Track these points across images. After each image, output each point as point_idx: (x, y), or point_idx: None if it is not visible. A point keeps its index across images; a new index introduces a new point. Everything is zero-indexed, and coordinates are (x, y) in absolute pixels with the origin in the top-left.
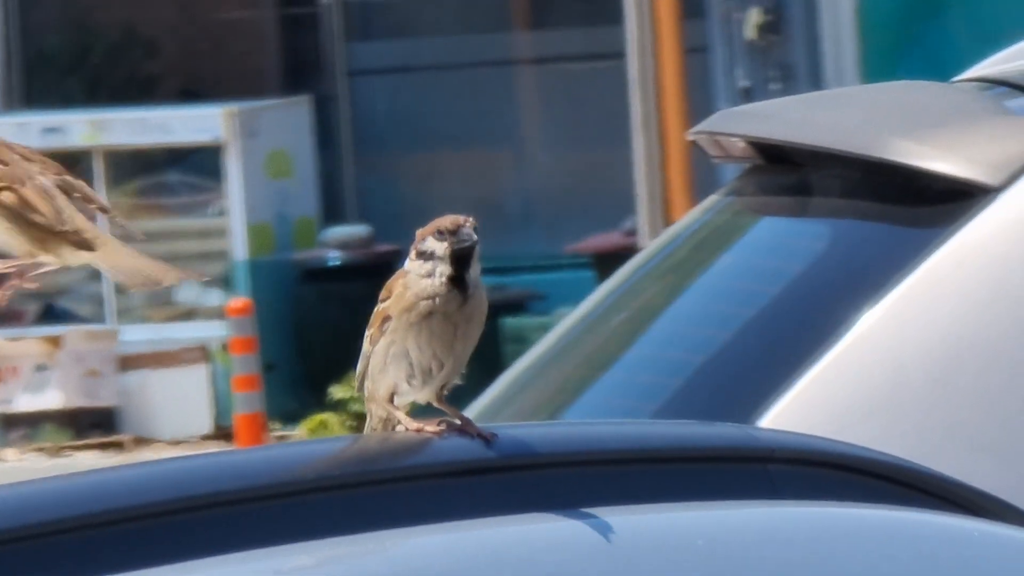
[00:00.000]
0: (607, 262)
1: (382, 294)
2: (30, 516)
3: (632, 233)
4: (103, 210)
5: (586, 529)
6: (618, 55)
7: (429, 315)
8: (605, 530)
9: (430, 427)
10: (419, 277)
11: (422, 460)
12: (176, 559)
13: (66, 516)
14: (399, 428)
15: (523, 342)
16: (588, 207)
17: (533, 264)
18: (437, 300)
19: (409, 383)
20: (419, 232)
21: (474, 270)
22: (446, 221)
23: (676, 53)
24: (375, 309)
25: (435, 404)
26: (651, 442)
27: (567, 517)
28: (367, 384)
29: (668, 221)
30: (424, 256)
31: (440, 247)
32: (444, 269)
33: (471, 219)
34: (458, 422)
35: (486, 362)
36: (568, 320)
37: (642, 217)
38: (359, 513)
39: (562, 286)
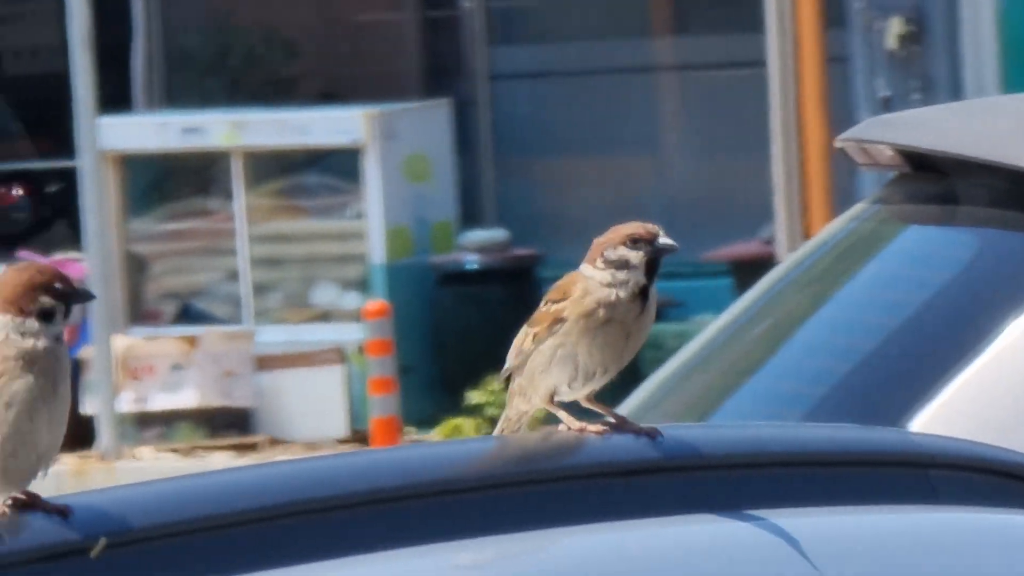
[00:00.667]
0: (745, 270)
1: (553, 295)
2: (216, 507)
3: (770, 241)
4: None
5: (749, 530)
6: (759, 63)
7: (607, 322)
8: (768, 532)
9: (592, 427)
10: (601, 284)
11: (585, 459)
12: (338, 555)
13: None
14: (560, 427)
15: (660, 348)
16: (726, 215)
17: (670, 271)
18: (617, 309)
19: (570, 385)
20: (601, 240)
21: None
22: (639, 229)
23: (817, 62)
24: (541, 308)
25: (585, 404)
26: (813, 445)
27: (730, 518)
28: (519, 380)
29: (806, 230)
30: (615, 264)
31: (635, 256)
32: (638, 278)
33: (660, 227)
34: (614, 421)
35: (624, 370)
36: (711, 327)
37: (780, 225)
38: (521, 512)
39: (700, 293)
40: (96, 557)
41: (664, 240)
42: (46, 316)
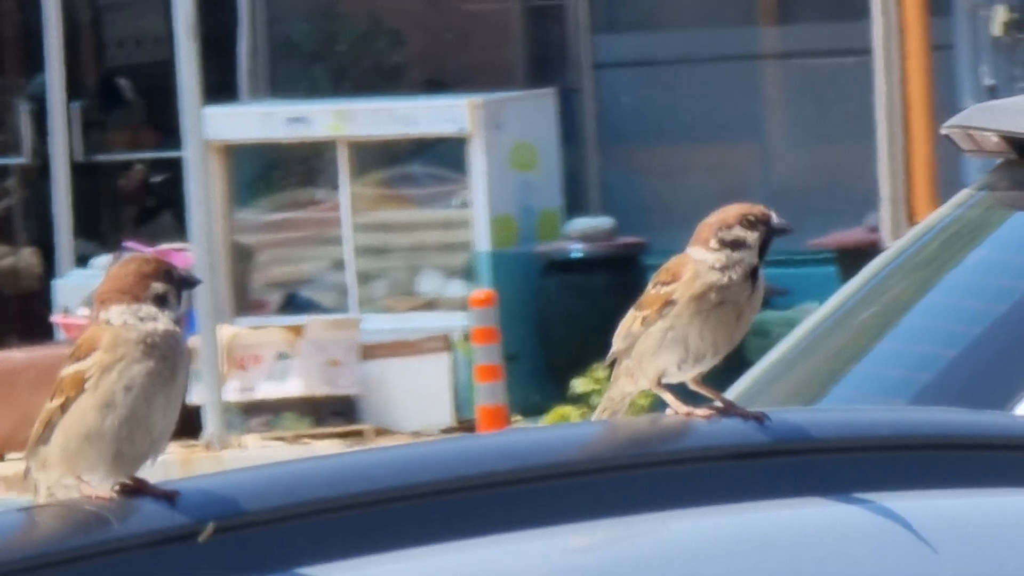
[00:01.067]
0: (850, 257)
1: (662, 277)
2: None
3: (875, 229)
4: None
5: (858, 514)
6: (864, 51)
7: (720, 304)
8: (877, 515)
9: (699, 411)
10: (710, 267)
11: (693, 443)
12: (450, 539)
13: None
14: (668, 411)
15: (765, 336)
16: (831, 202)
17: (775, 258)
18: (729, 290)
19: (680, 367)
20: (709, 222)
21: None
22: (753, 209)
23: (922, 50)
24: (650, 291)
25: (693, 387)
26: (921, 429)
27: (839, 502)
28: (626, 362)
29: (911, 217)
30: (730, 244)
31: (751, 236)
32: (751, 259)
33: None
34: (721, 405)
35: (729, 357)
36: (817, 314)
37: (885, 213)
38: (631, 495)
39: (805, 281)
40: (204, 541)
41: (778, 220)
42: (160, 302)
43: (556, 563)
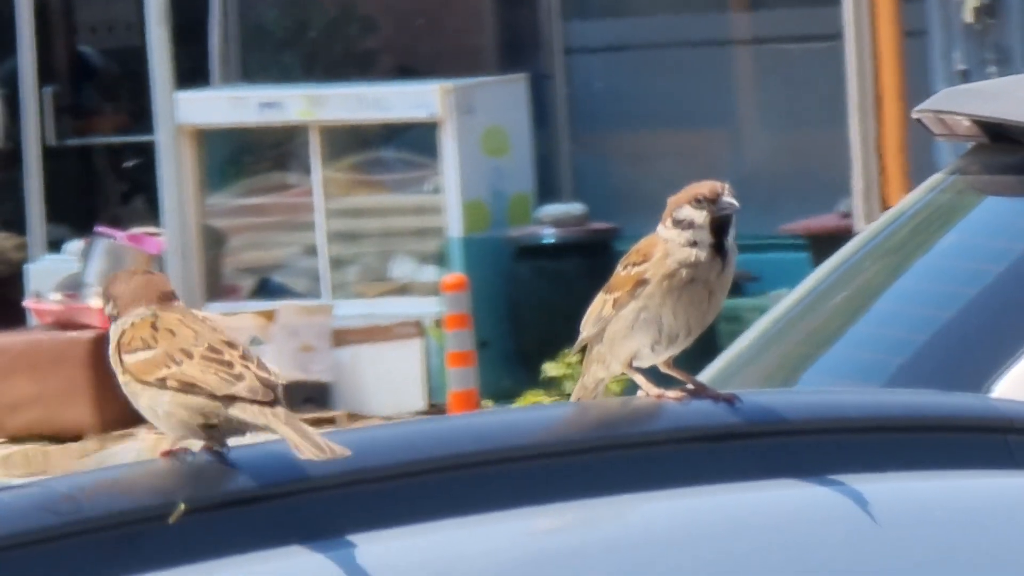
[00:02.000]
0: (822, 243)
1: (633, 257)
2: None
3: (848, 215)
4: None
5: (831, 496)
6: (835, 36)
7: (691, 282)
8: (849, 497)
9: (671, 393)
10: (679, 245)
11: (664, 425)
12: (417, 520)
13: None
14: (640, 394)
15: (738, 322)
16: (803, 188)
17: (747, 244)
18: (699, 268)
19: (653, 348)
20: (672, 199)
21: (731, 236)
22: (704, 188)
23: (894, 35)
24: (620, 273)
25: (664, 370)
26: (892, 411)
27: (812, 484)
28: (597, 347)
29: (884, 203)
30: (682, 224)
31: (699, 216)
32: (704, 237)
33: (727, 185)
34: (692, 387)
35: (701, 342)
36: (788, 299)
37: (857, 199)
38: (602, 477)
39: (777, 267)
40: (174, 522)
41: (726, 199)
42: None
43: (526, 545)
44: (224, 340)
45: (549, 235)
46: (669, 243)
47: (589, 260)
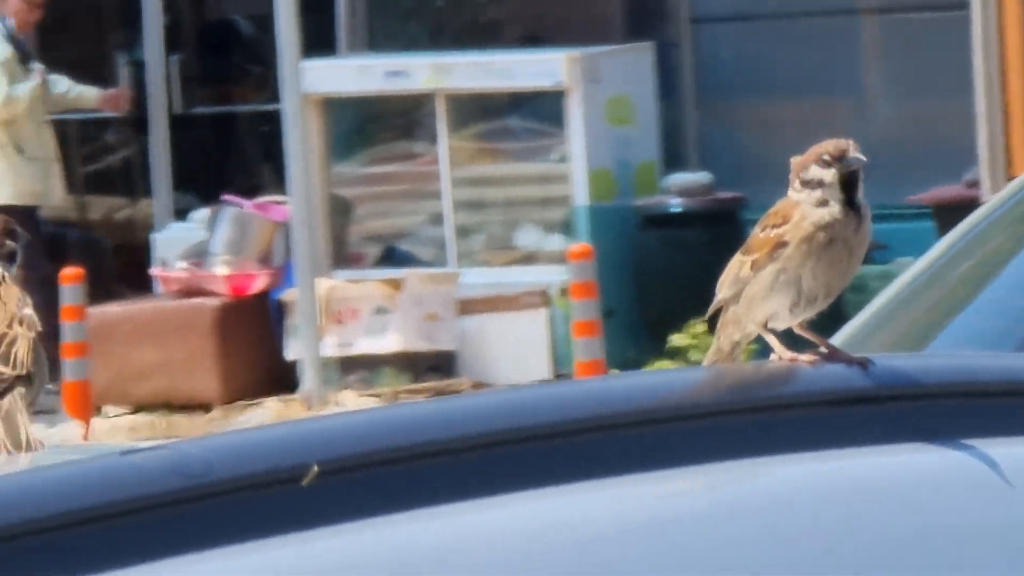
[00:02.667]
0: (948, 213)
1: (771, 220)
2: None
3: (974, 184)
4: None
5: (963, 460)
6: (962, 6)
7: (829, 243)
8: (981, 461)
9: (804, 357)
10: (813, 206)
11: (797, 389)
12: (552, 483)
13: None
14: (772, 357)
15: (863, 290)
16: (929, 158)
17: (874, 214)
18: (835, 227)
19: (791, 311)
20: (796, 161)
21: (862, 192)
22: (828, 146)
23: (1020, 6)
24: (758, 235)
25: (798, 331)
26: None
27: (943, 448)
28: (733, 308)
29: (1010, 173)
30: (810, 185)
31: (827, 174)
32: (835, 195)
33: (852, 142)
34: (825, 350)
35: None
36: (914, 268)
37: (983, 168)
38: (734, 441)
39: (903, 236)
40: (307, 484)
41: (852, 155)
42: (848, 185)
43: (657, 508)
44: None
45: (675, 204)
46: (803, 205)
47: (715, 230)
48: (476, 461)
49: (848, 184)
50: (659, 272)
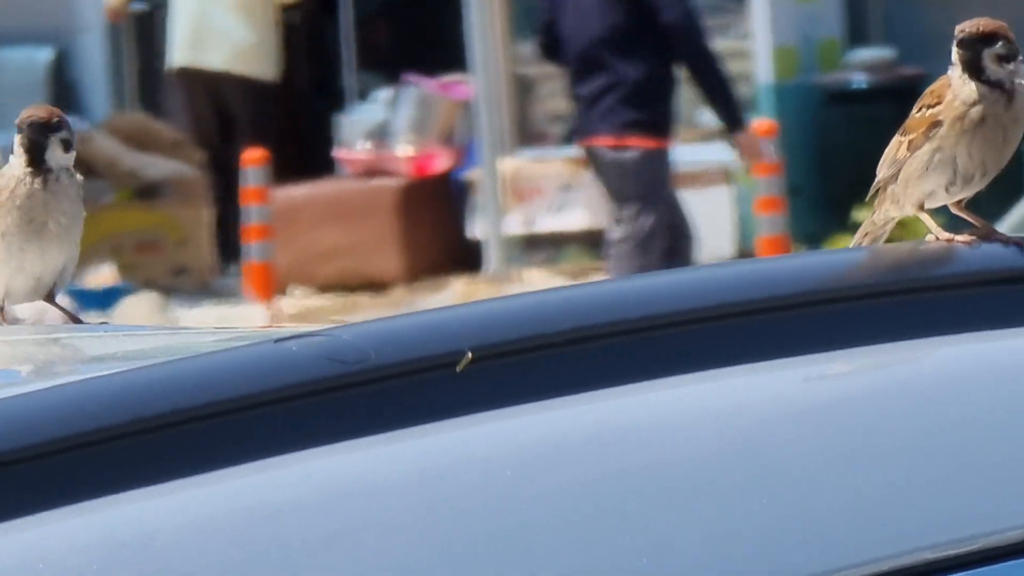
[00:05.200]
0: None
1: (927, 99)
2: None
3: None
4: None
5: None
6: None
7: (982, 121)
8: None
9: (961, 237)
10: (963, 84)
11: (955, 269)
12: (702, 368)
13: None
14: (929, 238)
15: None
16: None
17: None
18: (984, 104)
19: (947, 189)
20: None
21: (996, 70)
22: (966, 24)
23: None
24: (915, 115)
25: (955, 211)
26: None
27: None
28: (892, 187)
29: None
30: (952, 64)
31: (955, 53)
32: (964, 73)
33: (994, 22)
34: (982, 230)
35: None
36: None
37: None
38: (892, 322)
39: None
40: (461, 370)
41: (967, 33)
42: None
43: (817, 389)
44: None
45: (859, 80)
46: (954, 84)
47: (899, 105)
48: (632, 345)
49: (970, 63)
50: (842, 148)
